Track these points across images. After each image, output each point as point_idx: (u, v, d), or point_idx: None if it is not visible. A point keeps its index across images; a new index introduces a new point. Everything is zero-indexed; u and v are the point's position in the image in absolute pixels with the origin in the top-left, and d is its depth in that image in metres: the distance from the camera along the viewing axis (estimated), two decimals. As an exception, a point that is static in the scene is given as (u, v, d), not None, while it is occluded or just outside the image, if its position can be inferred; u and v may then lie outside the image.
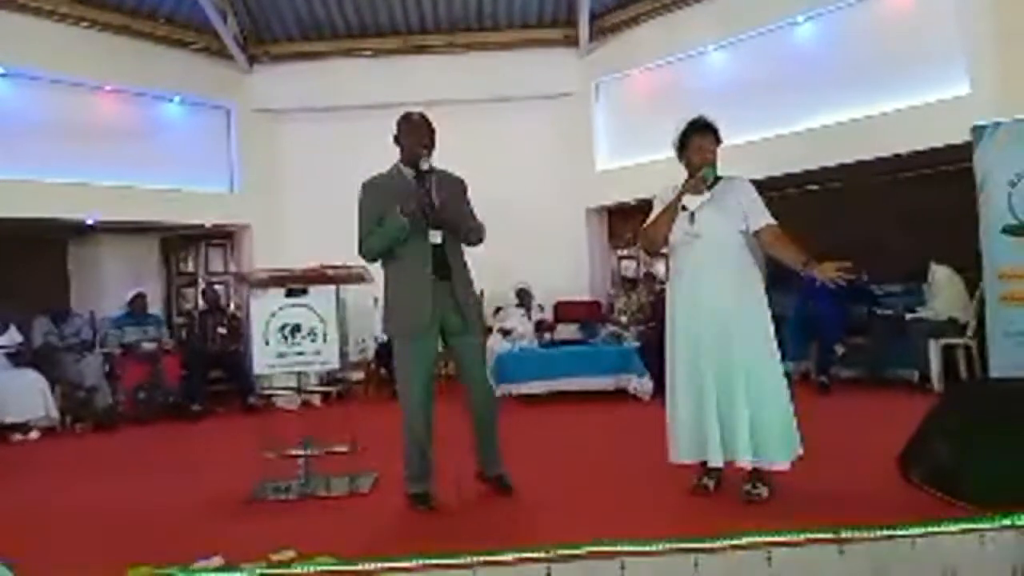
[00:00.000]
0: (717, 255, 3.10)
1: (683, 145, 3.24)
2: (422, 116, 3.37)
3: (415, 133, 3.30)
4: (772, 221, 3.12)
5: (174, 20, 7.95)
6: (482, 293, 8.35)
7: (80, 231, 8.05)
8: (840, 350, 6.22)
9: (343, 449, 3.79)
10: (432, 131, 3.33)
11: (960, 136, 5.47)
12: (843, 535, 2.43)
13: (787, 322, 6.94)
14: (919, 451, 3.10)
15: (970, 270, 5.63)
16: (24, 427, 5.96)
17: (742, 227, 3.13)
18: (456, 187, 3.41)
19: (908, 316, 6.07)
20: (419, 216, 3.16)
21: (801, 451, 3.07)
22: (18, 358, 6.26)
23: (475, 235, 3.36)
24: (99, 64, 7.49)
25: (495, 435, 3.41)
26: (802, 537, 2.45)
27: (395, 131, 3.36)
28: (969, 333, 5.74)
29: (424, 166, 3.23)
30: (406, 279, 3.23)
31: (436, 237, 3.23)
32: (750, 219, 3.13)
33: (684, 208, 3.16)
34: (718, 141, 3.23)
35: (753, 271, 3.16)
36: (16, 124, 6.98)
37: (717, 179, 3.22)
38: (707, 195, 3.17)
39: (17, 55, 6.92)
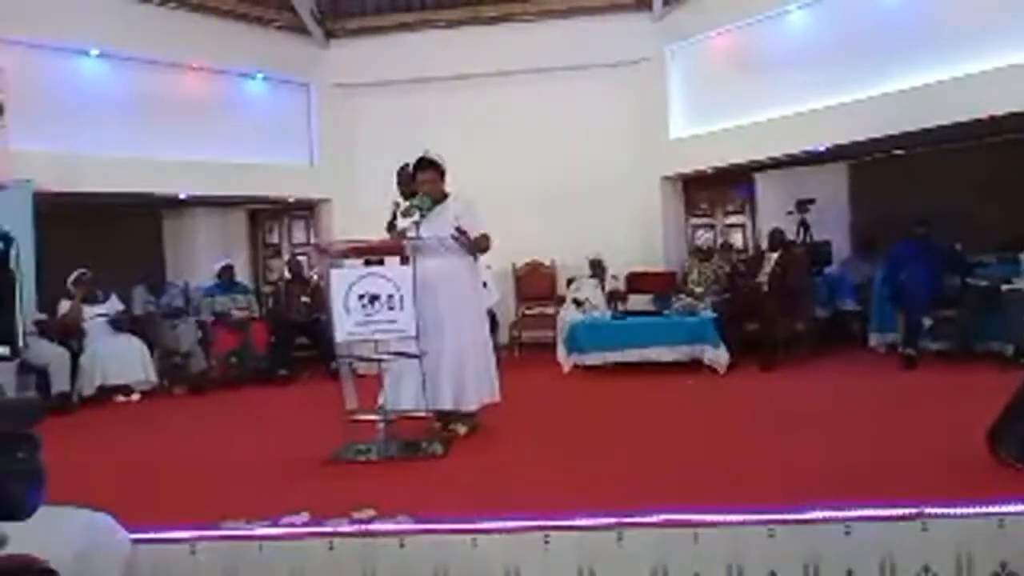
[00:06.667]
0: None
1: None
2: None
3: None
4: None
5: (254, -2, 8.16)
6: (553, 263, 8.32)
7: (173, 205, 8.44)
8: (928, 322, 5.93)
9: (420, 414, 3.91)
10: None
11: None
12: (926, 511, 2.37)
13: (873, 292, 6.67)
14: (1010, 427, 2.96)
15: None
16: (126, 389, 6.36)
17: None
18: None
19: (1004, 287, 5.73)
20: None
21: None
22: (119, 325, 6.65)
23: None
24: (185, 43, 7.73)
25: None
26: (881, 512, 2.41)
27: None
28: (1071, 305, 5.38)
29: None
30: None
31: None
32: None
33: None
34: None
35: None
36: (110, 102, 7.29)
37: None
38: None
39: (110, 37, 7.21)
